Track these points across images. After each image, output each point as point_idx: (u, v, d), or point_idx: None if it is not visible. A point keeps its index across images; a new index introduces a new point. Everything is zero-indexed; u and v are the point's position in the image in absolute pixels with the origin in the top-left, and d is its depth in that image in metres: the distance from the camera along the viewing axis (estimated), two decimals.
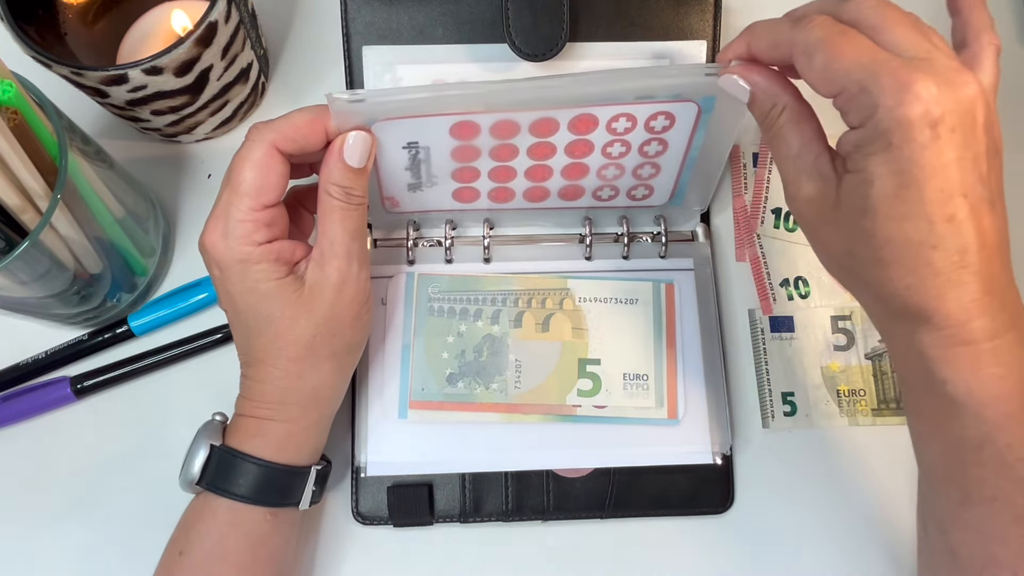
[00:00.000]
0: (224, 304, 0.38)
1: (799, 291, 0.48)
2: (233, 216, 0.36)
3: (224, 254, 0.36)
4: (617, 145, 0.41)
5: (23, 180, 0.36)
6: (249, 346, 0.38)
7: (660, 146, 0.41)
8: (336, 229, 0.37)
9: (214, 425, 0.39)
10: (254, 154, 0.36)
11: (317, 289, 0.37)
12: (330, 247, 0.37)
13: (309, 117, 0.36)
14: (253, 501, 0.37)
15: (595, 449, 0.44)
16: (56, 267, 0.38)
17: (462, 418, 0.44)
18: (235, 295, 0.37)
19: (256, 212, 0.36)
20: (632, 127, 0.40)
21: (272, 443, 0.38)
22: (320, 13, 0.53)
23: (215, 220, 0.36)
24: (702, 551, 0.44)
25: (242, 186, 0.36)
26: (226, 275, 0.37)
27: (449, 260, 0.46)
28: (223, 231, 0.36)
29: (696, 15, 0.45)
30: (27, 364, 0.46)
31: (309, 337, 0.37)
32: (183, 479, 0.38)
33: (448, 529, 0.44)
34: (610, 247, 0.47)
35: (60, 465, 0.45)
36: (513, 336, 0.45)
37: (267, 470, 0.38)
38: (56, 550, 0.44)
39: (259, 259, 0.36)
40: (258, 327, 0.37)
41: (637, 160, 0.42)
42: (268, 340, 0.37)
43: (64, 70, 0.40)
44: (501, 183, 0.43)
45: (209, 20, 0.40)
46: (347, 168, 0.37)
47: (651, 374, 0.45)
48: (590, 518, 0.44)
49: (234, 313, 0.38)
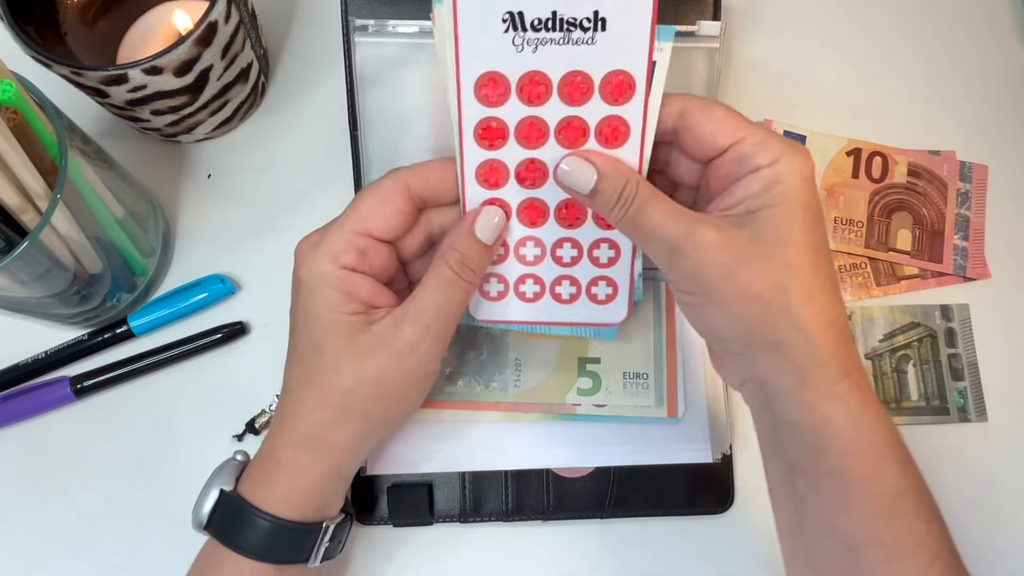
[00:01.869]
0: (291, 319, 0.37)
1: None
2: (331, 230, 0.35)
3: (306, 264, 0.35)
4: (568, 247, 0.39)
5: (23, 180, 0.36)
6: (291, 371, 0.36)
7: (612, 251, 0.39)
8: (433, 296, 0.35)
9: (231, 465, 0.37)
10: (385, 184, 0.35)
11: (378, 344, 0.35)
12: (416, 311, 0.35)
13: (445, 164, 0.36)
14: (255, 556, 0.35)
15: (595, 448, 0.44)
16: (56, 267, 0.38)
17: (462, 417, 0.44)
18: (298, 311, 0.36)
19: (356, 235, 0.35)
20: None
21: (278, 495, 0.35)
22: (320, 13, 0.53)
23: (317, 231, 0.36)
24: (702, 551, 0.44)
25: (359, 205, 0.35)
26: (297, 287, 0.36)
27: None
28: (317, 241, 0.35)
29: (696, 14, 0.45)
30: (27, 364, 0.46)
31: (347, 389, 0.35)
32: (194, 520, 0.36)
33: (448, 529, 0.44)
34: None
35: (60, 465, 0.45)
36: (513, 334, 0.45)
37: (274, 527, 0.35)
38: (56, 550, 0.44)
39: (332, 283, 0.34)
40: (303, 353, 0.36)
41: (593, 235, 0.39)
42: (306, 372, 0.35)
43: (64, 70, 0.40)
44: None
45: (209, 20, 0.40)
46: (473, 239, 0.36)
47: (651, 373, 0.45)
48: (590, 518, 0.44)
49: (291, 328, 0.36)
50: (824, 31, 0.53)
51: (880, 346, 0.47)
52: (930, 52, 0.52)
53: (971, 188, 0.50)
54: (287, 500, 0.35)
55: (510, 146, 0.35)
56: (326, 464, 0.36)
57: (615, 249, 0.38)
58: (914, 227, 0.49)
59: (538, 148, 0.35)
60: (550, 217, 0.37)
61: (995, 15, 0.53)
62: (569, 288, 0.39)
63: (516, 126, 0.35)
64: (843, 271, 0.48)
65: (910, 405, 0.47)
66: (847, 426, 0.32)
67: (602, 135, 0.35)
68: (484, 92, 0.34)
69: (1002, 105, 0.52)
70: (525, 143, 0.35)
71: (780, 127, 0.50)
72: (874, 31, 0.53)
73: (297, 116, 0.51)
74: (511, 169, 0.36)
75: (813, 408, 0.32)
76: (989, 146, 0.51)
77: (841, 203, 0.49)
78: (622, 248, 0.38)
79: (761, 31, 0.52)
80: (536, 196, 0.37)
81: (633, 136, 0.35)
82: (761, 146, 0.32)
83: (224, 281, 0.47)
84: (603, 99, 0.34)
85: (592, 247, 0.38)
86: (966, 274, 0.49)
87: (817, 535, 0.33)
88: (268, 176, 0.50)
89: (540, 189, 0.37)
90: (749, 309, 0.32)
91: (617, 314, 0.40)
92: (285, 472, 0.36)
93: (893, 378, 0.47)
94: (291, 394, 0.36)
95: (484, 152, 0.36)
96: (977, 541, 0.45)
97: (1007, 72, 0.52)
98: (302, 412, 0.36)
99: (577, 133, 0.35)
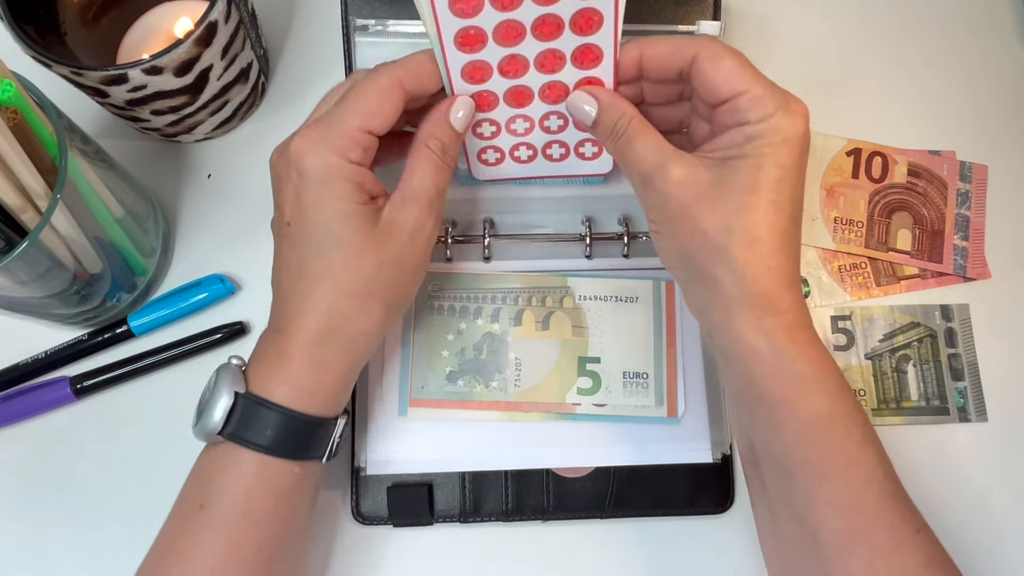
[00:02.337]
0: (288, 216, 0.36)
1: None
2: (337, 126, 0.36)
3: (314, 159, 0.35)
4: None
5: (23, 180, 0.36)
6: (302, 270, 0.36)
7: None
8: (425, 178, 0.37)
9: (233, 369, 0.37)
10: (380, 81, 0.36)
11: (392, 228, 0.36)
12: (414, 193, 0.37)
13: (428, 58, 0.38)
14: (277, 453, 0.35)
15: (595, 447, 0.44)
16: (56, 267, 0.38)
17: (462, 416, 0.44)
18: (308, 206, 0.36)
19: (360, 132, 0.36)
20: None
21: (302, 392, 0.36)
22: (320, 13, 0.53)
23: (312, 127, 0.36)
24: (702, 551, 0.44)
25: (359, 104, 0.36)
26: (306, 182, 0.36)
27: (449, 258, 0.46)
28: (321, 137, 0.35)
29: (696, 14, 0.45)
30: (27, 364, 0.46)
31: (371, 273, 0.36)
32: (200, 428, 0.36)
33: (448, 529, 0.44)
34: (610, 245, 0.47)
35: (60, 465, 0.45)
36: (513, 334, 0.45)
37: (295, 421, 0.36)
38: (56, 550, 0.44)
39: (347, 176, 0.36)
40: (322, 247, 0.36)
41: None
42: (327, 265, 0.36)
43: (64, 70, 0.40)
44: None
45: (209, 20, 0.40)
46: (450, 127, 0.38)
47: (651, 372, 0.45)
48: (590, 518, 0.44)
49: (298, 227, 0.36)
50: (824, 31, 0.53)
51: (880, 346, 0.47)
52: (930, 52, 0.52)
53: (971, 188, 0.50)
54: (312, 397, 0.36)
55: (490, 47, 0.37)
56: (350, 355, 0.37)
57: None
58: (914, 227, 0.49)
59: (517, 45, 0.37)
60: (535, 98, 0.40)
61: (995, 15, 0.53)
62: (559, 150, 0.42)
63: (494, 30, 0.37)
64: (843, 271, 0.48)
65: (910, 405, 0.47)
66: (769, 354, 0.35)
67: (576, 25, 0.37)
68: (458, 6, 0.36)
69: (1002, 105, 0.52)
70: (504, 42, 0.37)
71: None
72: (874, 31, 0.53)
73: (297, 116, 0.50)
74: (494, 66, 0.38)
75: (739, 339, 0.35)
76: (989, 146, 0.51)
77: (841, 203, 0.49)
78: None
79: (761, 31, 0.52)
80: (520, 84, 0.39)
81: (606, 24, 0.37)
82: (754, 103, 0.35)
83: (224, 281, 0.47)
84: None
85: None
86: (966, 274, 0.49)
87: (763, 461, 0.37)
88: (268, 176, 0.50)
89: (523, 78, 0.39)
90: (693, 242, 0.35)
91: (603, 167, 0.43)
92: (308, 368, 0.36)
93: (893, 378, 0.47)
94: (307, 292, 0.36)
95: (466, 56, 0.38)
96: (977, 540, 0.45)
97: (1007, 72, 0.52)
98: (322, 306, 0.36)
99: (552, 28, 0.37)
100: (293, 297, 0.36)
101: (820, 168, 0.50)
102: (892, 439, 0.46)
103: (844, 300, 0.48)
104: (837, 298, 0.48)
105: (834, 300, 0.48)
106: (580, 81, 0.39)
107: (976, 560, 0.44)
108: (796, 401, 0.35)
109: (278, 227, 0.37)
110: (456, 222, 0.46)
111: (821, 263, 0.49)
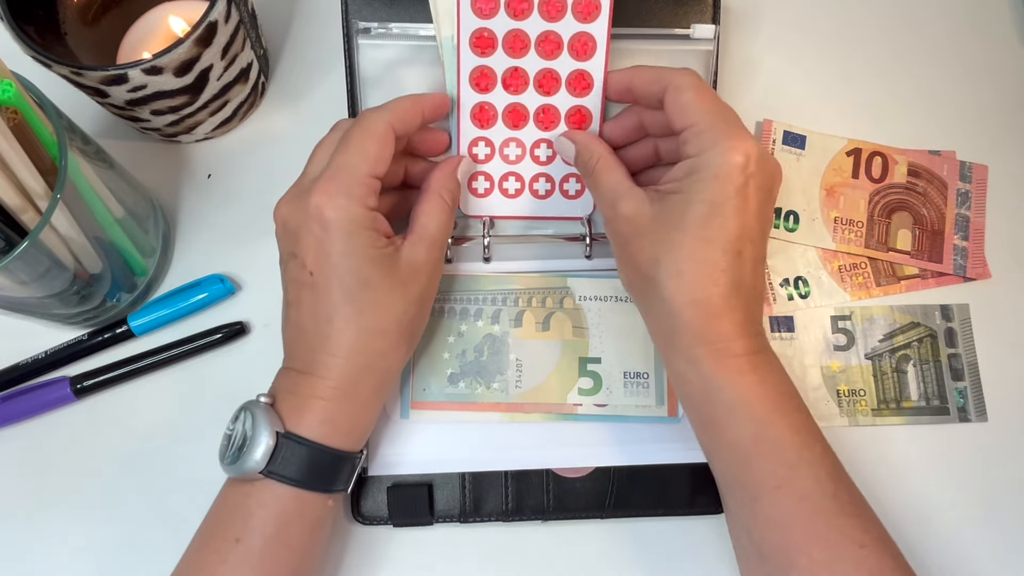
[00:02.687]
0: (311, 266, 0.38)
1: (799, 291, 0.48)
2: (353, 177, 0.37)
3: (338, 212, 0.37)
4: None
5: (23, 180, 0.36)
6: (332, 315, 0.37)
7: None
8: (440, 222, 0.41)
9: (267, 409, 0.37)
10: (376, 128, 0.39)
11: (414, 267, 0.39)
12: (432, 235, 0.40)
13: (411, 102, 0.41)
14: (311, 487, 0.37)
15: (596, 447, 0.44)
16: (56, 267, 0.38)
17: (464, 418, 0.44)
18: (335, 255, 0.37)
19: (371, 179, 0.38)
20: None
21: (338, 430, 0.38)
22: (320, 13, 0.53)
23: (328, 179, 0.37)
24: (702, 551, 0.44)
25: (363, 153, 0.38)
26: (331, 235, 0.37)
27: (449, 260, 0.46)
28: (341, 190, 0.37)
29: (696, 15, 0.45)
30: (27, 364, 0.46)
31: (401, 312, 0.38)
32: (239, 467, 0.36)
33: (448, 529, 0.44)
34: (610, 246, 0.47)
35: (60, 465, 0.45)
36: (514, 335, 0.45)
37: (329, 457, 0.37)
38: (56, 550, 0.44)
39: (370, 224, 0.38)
40: (353, 292, 0.37)
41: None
42: (360, 307, 0.37)
43: (64, 70, 0.40)
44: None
45: (209, 20, 0.40)
46: (457, 181, 0.43)
47: (651, 372, 0.45)
48: (590, 518, 0.44)
49: (323, 276, 0.37)
50: (824, 31, 0.53)
51: (880, 346, 0.47)
52: (930, 52, 0.52)
53: (971, 188, 0.50)
54: (348, 433, 0.38)
55: (499, 54, 0.43)
56: (382, 392, 0.40)
57: None
58: (914, 227, 0.49)
59: (521, 58, 0.43)
60: (530, 121, 0.44)
61: (995, 15, 0.54)
62: (545, 184, 0.46)
63: (504, 37, 0.42)
64: (843, 271, 0.48)
65: (910, 405, 0.47)
66: (697, 383, 0.37)
67: (573, 49, 0.43)
68: (478, 5, 0.42)
69: (1002, 105, 0.52)
70: (511, 52, 0.42)
71: (780, 127, 0.50)
72: (875, 31, 0.53)
73: (297, 116, 0.51)
74: (499, 76, 0.43)
75: (671, 364, 0.39)
76: (989, 146, 0.51)
77: (841, 203, 0.49)
78: None
79: (761, 31, 0.52)
80: (519, 101, 0.44)
81: (599, 53, 0.43)
82: (696, 136, 0.37)
83: (224, 281, 0.47)
84: (574, 18, 0.42)
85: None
86: (966, 274, 0.49)
87: (715, 477, 0.40)
88: (268, 176, 0.50)
89: (522, 95, 0.44)
90: (636, 274, 0.39)
91: (583, 209, 0.46)
92: (344, 407, 0.38)
93: (893, 378, 0.47)
94: (339, 333, 0.37)
95: (477, 59, 0.43)
96: (976, 540, 0.45)
97: (1007, 72, 0.53)
98: (357, 346, 0.38)
99: (553, 46, 0.43)
100: (322, 341, 0.38)
101: (820, 168, 0.50)
102: (892, 439, 0.46)
103: (844, 300, 0.48)
104: (837, 298, 0.48)
105: (834, 300, 0.48)
106: (571, 108, 0.44)
107: (977, 559, 0.44)
108: (724, 427, 0.37)
109: (296, 276, 0.38)
110: (456, 223, 0.46)
111: (821, 263, 0.49)
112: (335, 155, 0.38)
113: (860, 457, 0.45)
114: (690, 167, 0.37)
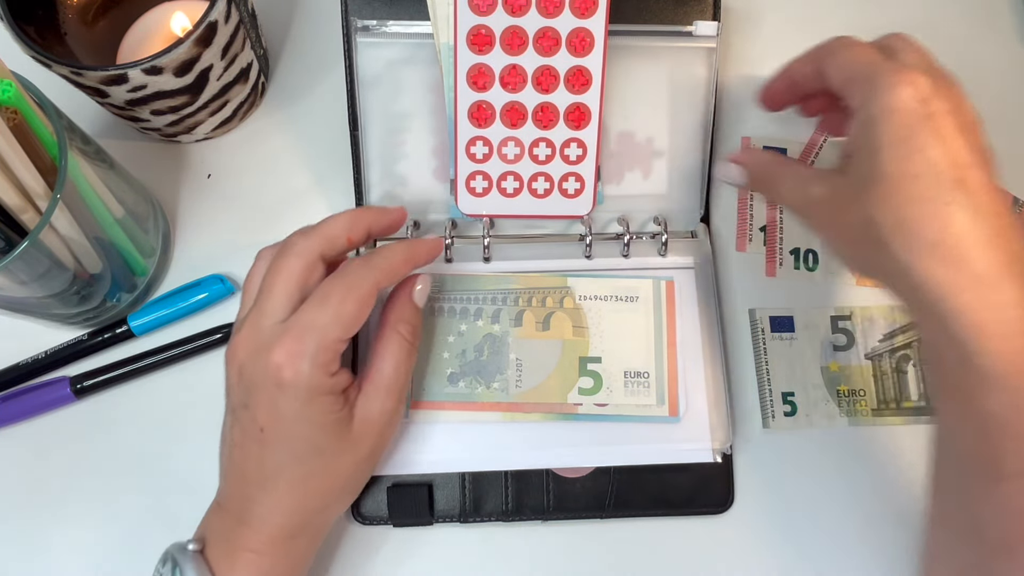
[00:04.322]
0: (262, 423, 0.36)
1: (807, 264, 0.48)
2: (321, 342, 0.35)
3: (297, 377, 0.35)
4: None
5: (23, 180, 0.36)
6: (277, 474, 0.36)
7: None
8: (395, 365, 0.38)
9: (193, 558, 0.35)
10: (362, 289, 0.36)
11: (365, 426, 0.37)
12: (387, 383, 0.38)
13: (403, 259, 0.38)
14: None
15: (597, 447, 0.44)
16: (56, 267, 0.38)
17: (464, 418, 0.44)
18: (289, 419, 0.35)
19: (341, 343, 0.36)
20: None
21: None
22: (320, 13, 0.53)
23: (295, 339, 0.35)
24: (702, 551, 0.44)
25: (340, 317, 0.35)
26: (287, 398, 0.35)
27: (449, 259, 0.46)
28: (305, 353, 0.35)
29: (696, 13, 0.45)
30: (27, 364, 0.46)
31: (350, 473, 0.38)
32: None
33: (448, 529, 0.44)
34: (610, 245, 0.47)
35: (60, 465, 0.45)
36: (514, 335, 0.45)
37: None
38: (56, 550, 0.44)
39: (328, 391, 0.36)
40: (302, 457, 0.36)
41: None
42: (307, 472, 0.36)
43: (64, 70, 0.40)
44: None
45: (209, 20, 0.40)
46: (414, 306, 0.40)
47: (652, 372, 0.45)
48: (590, 518, 0.44)
49: (273, 435, 0.36)
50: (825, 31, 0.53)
51: (880, 346, 0.47)
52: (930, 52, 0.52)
53: None
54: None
55: (496, 52, 0.42)
56: (318, 539, 0.39)
57: (583, 148, 0.45)
58: None
59: (520, 55, 0.42)
60: (528, 119, 0.44)
61: (995, 15, 0.54)
62: (544, 184, 0.45)
63: (502, 34, 0.42)
64: None
65: (910, 405, 0.47)
66: (944, 345, 0.32)
67: (571, 45, 0.42)
68: (476, 2, 0.41)
69: (1002, 105, 0.52)
70: (509, 49, 0.42)
71: (758, 144, 0.50)
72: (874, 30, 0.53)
73: (297, 116, 0.51)
74: (496, 73, 0.42)
75: (923, 329, 0.34)
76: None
77: None
78: (588, 147, 0.45)
79: (761, 31, 0.52)
80: (517, 100, 0.43)
81: (597, 48, 0.42)
82: (859, 87, 0.35)
83: (224, 281, 0.47)
84: (572, 13, 0.41)
85: (563, 146, 0.44)
86: None
87: (938, 453, 0.35)
88: (268, 176, 0.50)
89: (520, 93, 0.43)
90: (852, 247, 0.36)
91: (583, 207, 0.46)
92: (278, 562, 0.36)
93: (893, 378, 0.47)
94: (283, 493, 0.36)
95: (475, 57, 0.42)
96: None
97: (1007, 72, 0.52)
98: (298, 507, 0.37)
99: (551, 42, 0.42)
100: (263, 494, 0.36)
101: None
102: (892, 439, 0.46)
103: (844, 300, 0.48)
104: (838, 297, 0.48)
105: (837, 283, 0.48)
106: (570, 105, 0.43)
107: None
108: (973, 395, 0.32)
109: (247, 428, 0.36)
110: (456, 222, 0.46)
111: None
112: (309, 307, 0.35)
113: (860, 457, 0.45)
114: (864, 118, 0.34)
